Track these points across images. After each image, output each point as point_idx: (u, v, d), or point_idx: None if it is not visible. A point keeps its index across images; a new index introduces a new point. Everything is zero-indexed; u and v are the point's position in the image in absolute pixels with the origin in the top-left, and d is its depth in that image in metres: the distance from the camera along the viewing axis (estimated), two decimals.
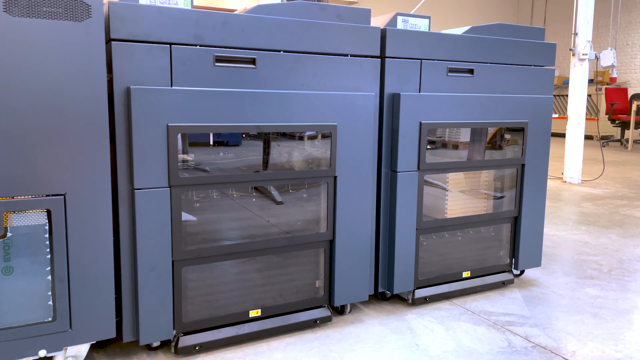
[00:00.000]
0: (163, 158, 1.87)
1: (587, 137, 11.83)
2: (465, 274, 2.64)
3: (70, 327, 1.81)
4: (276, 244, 2.14)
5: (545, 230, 3.96)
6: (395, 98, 2.31)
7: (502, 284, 2.73)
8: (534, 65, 2.71)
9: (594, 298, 2.64)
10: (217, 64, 1.96)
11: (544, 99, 2.71)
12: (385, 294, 2.55)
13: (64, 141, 1.71)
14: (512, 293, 2.68)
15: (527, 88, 2.69)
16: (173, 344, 2.00)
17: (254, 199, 2.09)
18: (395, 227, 2.37)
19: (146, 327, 1.92)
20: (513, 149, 2.66)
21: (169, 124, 1.86)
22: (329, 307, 2.31)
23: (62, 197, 1.74)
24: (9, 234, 1.70)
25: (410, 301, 2.49)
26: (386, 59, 2.30)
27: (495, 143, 2.60)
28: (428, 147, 2.40)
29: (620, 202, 5.10)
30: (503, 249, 2.78)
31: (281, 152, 2.10)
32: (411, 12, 2.47)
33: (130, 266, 1.91)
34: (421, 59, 2.38)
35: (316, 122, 2.13)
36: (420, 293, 2.49)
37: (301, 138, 2.13)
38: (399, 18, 2.39)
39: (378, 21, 2.47)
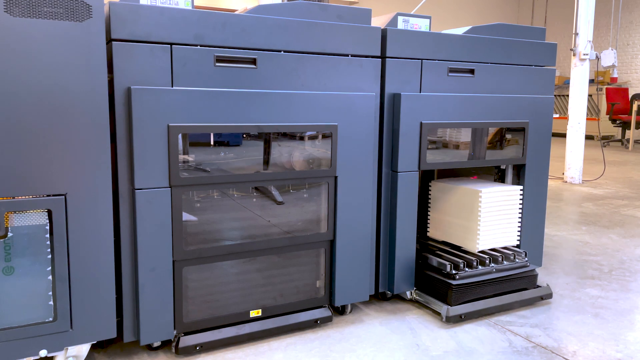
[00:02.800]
0: (164, 158, 1.87)
1: (588, 137, 11.82)
2: None
3: (71, 327, 1.81)
4: (277, 244, 2.14)
5: (545, 230, 3.96)
6: (396, 98, 2.31)
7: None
8: (535, 65, 2.71)
9: (594, 298, 2.64)
10: (217, 64, 1.96)
11: (544, 99, 2.71)
12: (385, 294, 2.55)
13: (64, 141, 1.71)
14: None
15: (527, 88, 2.69)
16: (174, 344, 2.00)
17: (254, 199, 2.09)
18: (395, 227, 2.36)
19: (147, 327, 1.92)
20: (513, 148, 2.65)
21: (170, 124, 1.86)
22: (329, 307, 2.30)
23: (63, 197, 1.74)
24: (9, 234, 1.70)
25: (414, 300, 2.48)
26: (387, 59, 2.30)
27: (495, 143, 2.60)
28: (428, 146, 2.40)
29: (621, 202, 5.10)
30: None
31: (282, 152, 2.10)
32: (412, 12, 2.47)
33: (131, 266, 1.91)
34: (422, 59, 2.38)
35: (317, 122, 2.13)
36: None
37: (302, 138, 2.13)
38: (400, 18, 2.39)
39: (378, 21, 2.47)
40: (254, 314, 2.14)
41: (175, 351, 1.99)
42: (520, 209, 2.60)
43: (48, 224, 1.74)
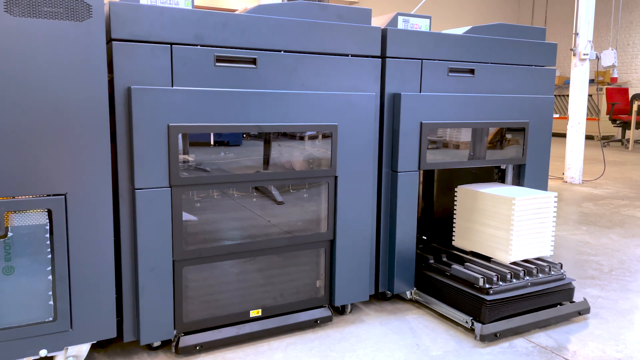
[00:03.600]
0: (164, 158, 1.87)
1: (588, 137, 11.82)
2: None
3: (71, 327, 1.81)
4: (277, 243, 2.14)
5: None
6: (396, 98, 2.31)
7: None
8: (535, 65, 2.71)
9: (594, 298, 2.64)
10: (217, 64, 1.96)
11: (544, 99, 2.71)
12: (385, 294, 2.55)
13: (64, 141, 1.71)
14: None
15: (527, 88, 2.69)
16: (174, 343, 2.00)
17: (254, 199, 2.09)
18: (395, 227, 2.36)
19: (147, 327, 1.92)
20: (514, 148, 2.65)
21: (170, 124, 1.86)
22: (329, 307, 2.30)
23: (63, 197, 1.74)
24: (9, 234, 1.70)
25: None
26: (387, 59, 2.30)
27: (495, 143, 2.60)
28: (428, 146, 2.40)
29: (621, 202, 5.10)
30: None
31: (282, 152, 2.10)
32: (412, 12, 2.47)
33: (131, 266, 1.91)
34: (422, 59, 2.38)
35: (317, 122, 2.13)
36: None
37: (302, 138, 2.13)
38: (400, 18, 2.39)
39: (379, 21, 2.47)
40: (254, 313, 2.14)
41: (175, 351, 1.99)
42: (554, 217, 2.43)
43: (48, 224, 1.74)
